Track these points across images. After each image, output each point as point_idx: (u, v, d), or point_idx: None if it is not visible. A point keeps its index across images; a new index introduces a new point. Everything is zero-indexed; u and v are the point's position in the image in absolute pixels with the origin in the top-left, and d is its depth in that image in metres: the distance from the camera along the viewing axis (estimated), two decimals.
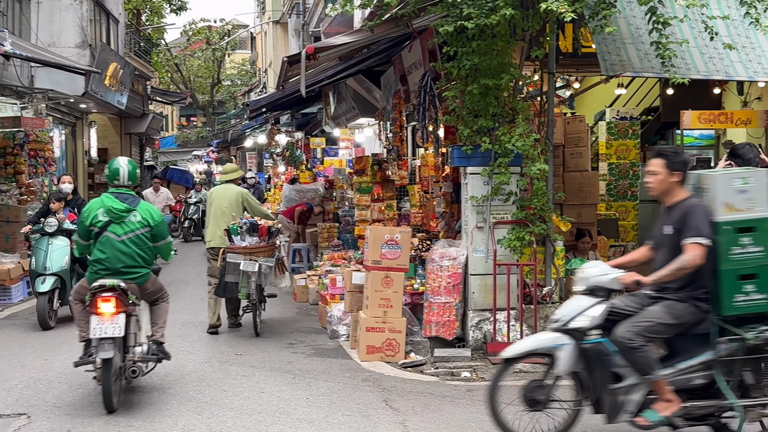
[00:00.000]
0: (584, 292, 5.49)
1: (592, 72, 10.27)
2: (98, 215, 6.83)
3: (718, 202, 5.35)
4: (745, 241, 5.32)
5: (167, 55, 44.14)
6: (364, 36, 9.46)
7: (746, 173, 5.49)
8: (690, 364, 5.37)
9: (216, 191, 10.42)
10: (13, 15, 17.00)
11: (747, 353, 5.34)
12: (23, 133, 15.23)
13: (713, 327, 5.36)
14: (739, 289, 5.31)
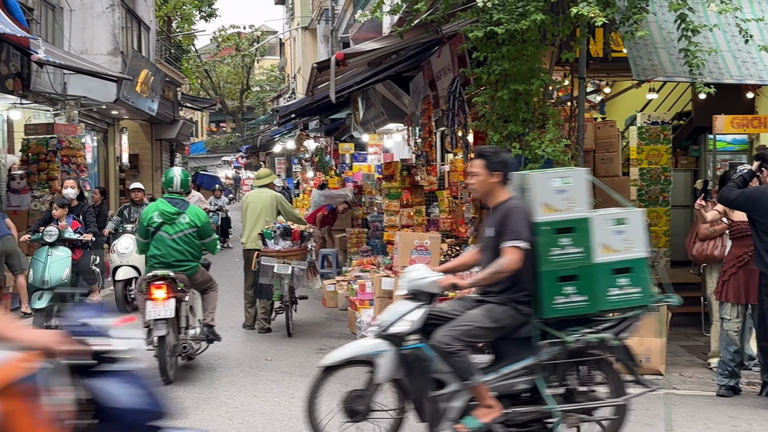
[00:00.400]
0: (406, 296, 5.32)
1: (623, 76, 10.19)
2: (153, 217, 7.95)
3: (537, 203, 5.18)
4: (564, 241, 5.16)
5: (197, 61, 44.57)
6: (393, 42, 9.47)
7: (565, 172, 5.36)
8: (513, 369, 5.18)
9: (251, 195, 10.83)
10: (46, 23, 17.25)
11: (569, 357, 5.19)
12: (56, 140, 15.42)
13: (535, 331, 5.17)
14: (558, 291, 5.14)
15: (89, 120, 19.70)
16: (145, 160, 25.87)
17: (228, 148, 52.19)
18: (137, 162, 25.35)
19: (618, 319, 5.27)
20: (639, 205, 11.52)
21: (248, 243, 10.41)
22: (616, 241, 5.24)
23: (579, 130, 8.62)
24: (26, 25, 11.46)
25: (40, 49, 12.02)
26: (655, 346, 7.84)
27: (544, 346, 5.14)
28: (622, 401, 5.35)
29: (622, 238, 5.24)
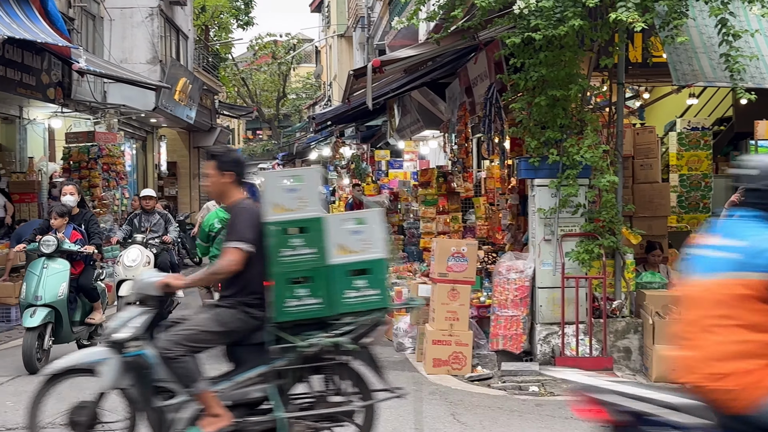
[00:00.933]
0: (135, 301, 5.10)
1: (662, 82, 10.10)
2: (215, 223, 9.46)
3: (268, 202, 5.01)
4: (295, 242, 4.96)
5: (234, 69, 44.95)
6: (429, 48, 9.47)
7: (297, 171, 5.25)
8: (247, 376, 4.96)
9: None
10: (87, 32, 17.51)
11: (306, 362, 4.97)
12: (97, 148, 15.65)
13: (269, 336, 4.95)
14: (290, 294, 4.94)
15: (128, 128, 19.96)
16: (183, 168, 26.13)
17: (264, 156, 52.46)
18: (175, 169, 25.63)
19: (357, 322, 5.03)
20: (680, 212, 11.40)
21: None
22: (353, 242, 5.05)
23: (617, 136, 8.55)
24: (68, 34, 11.66)
25: (81, 59, 12.22)
26: None
27: (277, 352, 4.94)
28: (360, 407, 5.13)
29: (360, 239, 5.05)
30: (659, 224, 9.69)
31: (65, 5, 15.83)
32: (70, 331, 8.80)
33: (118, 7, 19.43)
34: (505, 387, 7.77)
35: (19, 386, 7.82)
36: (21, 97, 13.40)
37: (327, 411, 5.09)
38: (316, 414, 5.06)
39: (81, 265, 9.11)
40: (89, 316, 9.20)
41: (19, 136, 15.41)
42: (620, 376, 7.95)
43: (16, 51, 12.51)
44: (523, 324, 8.36)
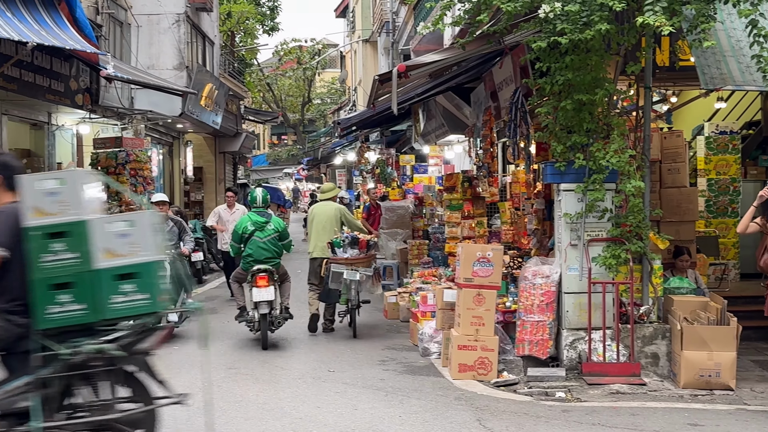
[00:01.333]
0: None
1: (690, 86, 10.02)
2: (248, 226, 10.30)
3: (27, 206, 4.84)
4: (56, 247, 4.79)
5: (259, 75, 45.14)
6: (455, 53, 9.47)
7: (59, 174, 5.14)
8: (15, 385, 4.78)
9: (317, 208, 11.75)
10: (114, 39, 17.69)
11: (71, 370, 4.80)
12: (124, 153, 15.78)
13: (35, 343, 4.78)
14: (52, 300, 4.78)
15: (155, 133, 20.11)
16: (209, 173, 26.28)
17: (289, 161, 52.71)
18: (201, 174, 25.77)
19: (125, 327, 4.94)
20: (708, 216, 11.32)
21: (315, 252, 11.29)
22: (120, 246, 4.93)
23: (645, 141, 8.48)
24: (96, 41, 11.79)
25: (109, 65, 12.34)
26: (726, 360, 7.65)
27: (41, 360, 4.77)
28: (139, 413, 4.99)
29: (127, 242, 4.94)
30: (687, 229, 9.61)
31: (93, 12, 15.99)
32: None
33: (145, 13, 19.61)
34: (531, 392, 7.74)
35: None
36: (50, 103, 13.54)
37: (100, 419, 4.93)
38: (86, 422, 4.92)
39: None
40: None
41: (47, 142, 15.56)
42: (648, 382, 7.89)
43: (45, 58, 12.64)
44: (550, 329, 8.31)
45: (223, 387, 7.96)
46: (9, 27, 9.37)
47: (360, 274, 10.57)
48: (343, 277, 10.50)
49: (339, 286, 10.56)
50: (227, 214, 14.89)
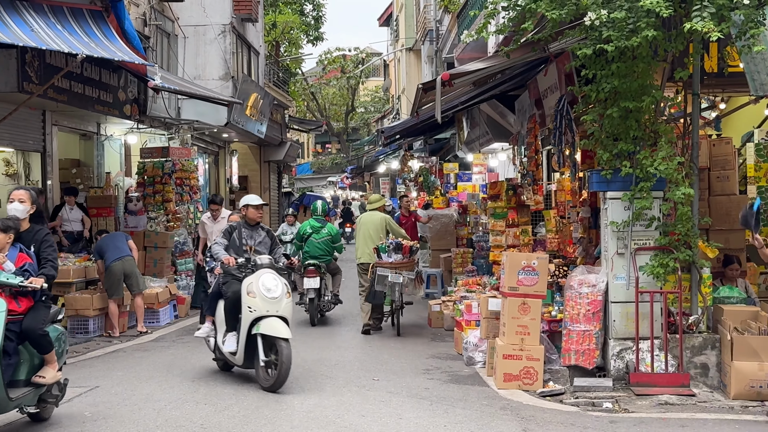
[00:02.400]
0: None
1: (739, 92, 9.85)
2: (308, 229, 13.03)
3: None
4: None
5: (304, 84, 45.43)
6: (499, 61, 9.43)
7: None
8: None
9: (364, 217, 12.90)
10: (161, 50, 17.94)
11: None
12: (171, 163, 15.98)
13: None
14: None
15: (201, 143, 20.34)
16: (254, 182, 26.49)
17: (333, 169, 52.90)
18: (246, 183, 25.98)
19: None
20: None
21: (363, 257, 12.39)
22: None
23: (693, 148, 8.37)
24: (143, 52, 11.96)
25: (157, 76, 12.51)
26: None
27: None
28: None
29: None
30: (737, 237, 9.44)
31: (141, 24, 16.26)
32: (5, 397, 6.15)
33: (191, 24, 19.88)
34: (577, 403, 7.65)
35: (97, 397, 8.02)
36: (99, 113, 13.79)
37: None
38: None
39: (27, 301, 6.56)
40: (38, 373, 6.59)
41: (96, 152, 15.85)
42: (697, 393, 7.76)
43: (94, 69, 12.88)
44: (596, 339, 8.22)
45: (268, 395, 8.01)
46: (59, 39, 9.56)
47: (403, 277, 11.47)
48: (388, 279, 11.37)
49: (384, 288, 11.52)
50: (211, 223, 13.70)
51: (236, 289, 8.48)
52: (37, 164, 14.04)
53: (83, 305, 11.67)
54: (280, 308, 8.32)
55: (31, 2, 9.75)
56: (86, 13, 10.51)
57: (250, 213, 9.24)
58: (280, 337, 8.04)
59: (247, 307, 8.27)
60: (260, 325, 8.17)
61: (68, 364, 9.84)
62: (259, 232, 9.20)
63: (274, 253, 9.10)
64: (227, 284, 8.71)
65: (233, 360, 8.60)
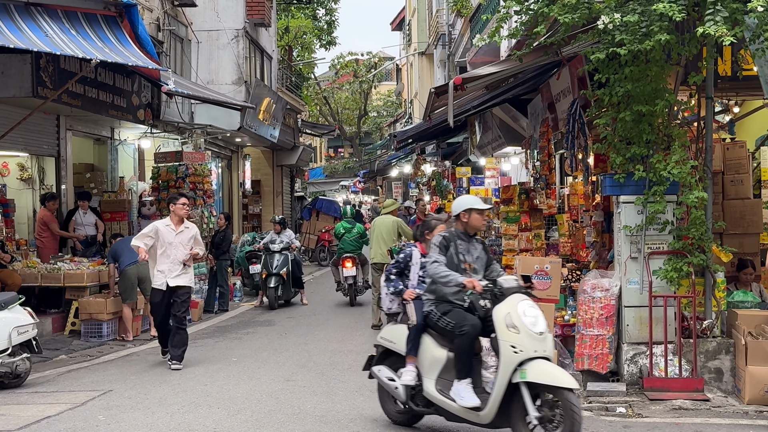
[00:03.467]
0: None
1: (753, 95, 9.81)
2: (341, 230, 15.54)
3: None
4: None
5: (316, 88, 45.53)
6: (511, 65, 9.42)
7: None
8: None
9: (378, 220, 13.75)
10: (175, 55, 18.02)
11: None
12: (184, 167, 16.04)
13: None
14: None
15: (214, 147, 20.41)
16: (267, 186, 26.55)
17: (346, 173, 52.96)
18: (259, 188, 26.05)
19: None
20: None
21: (376, 258, 13.28)
22: None
23: (707, 151, 8.34)
24: (157, 57, 12.00)
25: (170, 81, 12.56)
26: None
27: None
28: None
29: None
30: (751, 241, 9.39)
31: (155, 29, 16.34)
32: None
33: (205, 29, 19.97)
34: (591, 407, 7.62)
35: (111, 400, 8.05)
36: (113, 118, 13.86)
37: None
38: None
39: None
40: None
41: (110, 156, 15.94)
42: (711, 398, 7.72)
43: (108, 74, 12.95)
44: (609, 343, 8.20)
45: (281, 399, 8.02)
46: (73, 44, 9.61)
47: None
48: None
49: None
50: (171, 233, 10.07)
51: (474, 323, 6.48)
52: (51, 169, 14.13)
53: (97, 309, 11.72)
54: (548, 347, 6.37)
55: (45, 7, 9.81)
56: (100, 18, 10.56)
57: (473, 220, 6.97)
58: (564, 387, 6.03)
59: (510, 346, 6.19)
60: (527, 370, 6.12)
61: (82, 367, 9.94)
62: (475, 245, 7.05)
63: (490, 271, 7.04)
64: (450, 314, 6.65)
65: (471, 417, 6.44)
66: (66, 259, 12.74)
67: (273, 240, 16.01)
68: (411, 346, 6.86)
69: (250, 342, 11.66)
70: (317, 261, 25.94)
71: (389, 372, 7.06)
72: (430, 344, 6.78)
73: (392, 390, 6.95)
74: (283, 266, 15.53)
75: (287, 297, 15.98)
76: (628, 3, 7.67)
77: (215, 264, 15.19)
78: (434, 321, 6.75)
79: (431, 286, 6.86)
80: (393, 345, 7.15)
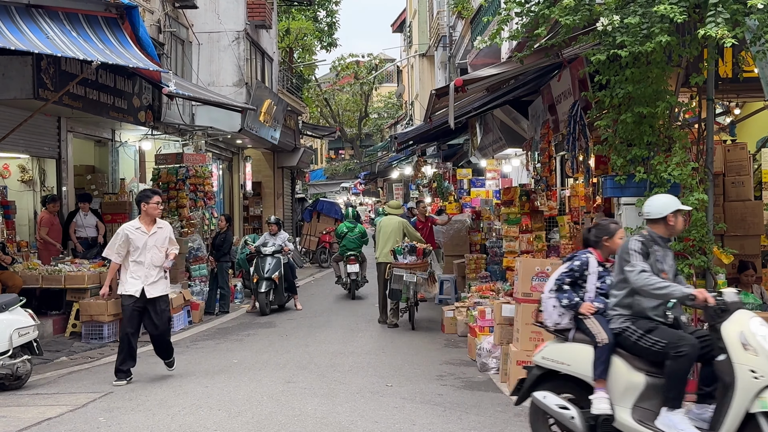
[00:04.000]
0: None
1: (754, 97, 9.81)
2: (344, 229, 16.99)
3: None
4: None
5: (317, 90, 45.55)
6: (512, 67, 9.42)
7: None
8: None
9: (384, 220, 13.92)
10: (176, 57, 18.03)
11: None
12: (185, 169, 16.04)
13: None
14: None
15: (215, 149, 20.42)
16: (268, 188, 26.56)
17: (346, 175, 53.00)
18: (260, 189, 26.06)
19: None
20: None
21: (381, 257, 13.50)
22: None
23: (707, 153, 8.32)
24: (158, 59, 12.01)
25: (171, 83, 12.56)
26: None
27: None
28: None
29: None
30: (752, 243, 9.38)
31: (156, 31, 16.35)
32: None
33: (206, 31, 19.98)
34: None
35: (112, 402, 8.05)
36: (114, 120, 13.87)
37: None
38: None
39: None
40: None
41: (111, 158, 15.94)
42: None
43: (109, 76, 12.96)
44: None
45: (282, 401, 8.02)
46: (74, 46, 9.61)
47: (417, 277, 12.64)
48: (404, 279, 12.56)
49: (400, 286, 12.59)
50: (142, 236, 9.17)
51: (693, 343, 5.77)
52: (52, 170, 14.13)
53: (98, 311, 11.72)
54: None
55: (46, 9, 9.81)
56: (101, 20, 10.57)
57: (679, 224, 6.34)
58: None
59: (749, 370, 5.33)
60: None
61: (83, 369, 9.94)
62: (668, 252, 6.37)
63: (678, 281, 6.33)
64: (657, 332, 5.88)
65: None
66: (67, 260, 12.74)
67: (266, 242, 15.47)
68: (602, 369, 5.95)
69: (250, 344, 11.66)
70: (318, 263, 25.94)
71: (557, 398, 6.12)
72: (622, 367, 5.89)
73: (566, 420, 6.00)
74: (276, 270, 14.89)
75: (280, 302, 15.34)
76: (629, 5, 7.67)
77: (216, 266, 15.19)
78: (632, 340, 5.90)
79: (626, 299, 6.05)
80: (566, 367, 6.16)
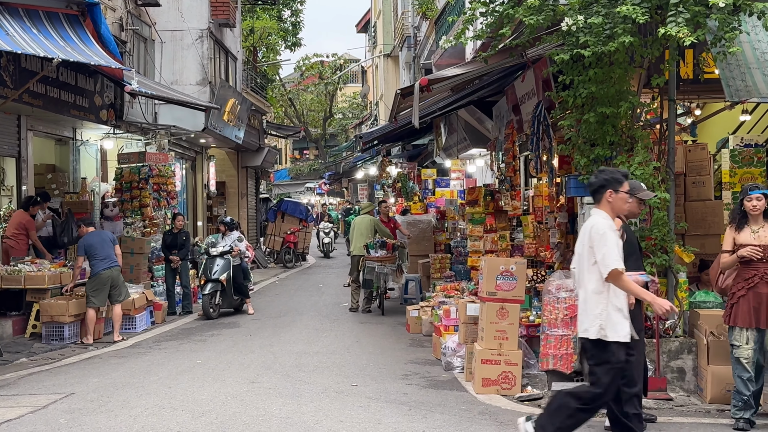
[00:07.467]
0: None
1: (714, 98, 9.93)
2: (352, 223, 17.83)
3: None
4: None
5: (282, 90, 45.37)
6: (477, 67, 9.46)
7: None
8: None
9: (357, 219, 16.00)
10: (138, 55, 17.84)
11: None
12: (148, 168, 15.88)
13: None
14: None
15: (178, 149, 20.23)
16: (232, 188, 26.39)
17: (311, 175, 52.87)
18: (224, 189, 25.89)
19: None
20: None
21: (355, 251, 15.37)
22: None
23: (669, 153, 8.43)
24: (120, 57, 11.88)
25: (133, 81, 12.43)
26: None
27: None
28: None
29: None
30: (712, 242, 9.50)
31: (118, 28, 16.16)
32: None
33: (168, 29, 19.79)
34: None
35: (73, 403, 7.94)
36: (75, 118, 13.68)
37: None
38: None
39: None
40: None
41: (72, 157, 15.72)
42: (674, 397, 7.81)
43: (70, 74, 12.78)
44: (574, 343, 8.24)
45: (246, 401, 7.96)
46: (35, 43, 9.47)
47: (387, 269, 14.31)
48: (375, 270, 14.23)
49: (372, 277, 14.30)
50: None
51: None
52: (12, 169, 13.90)
53: (58, 311, 11.55)
54: None
55: (6, 6, 9.65)
56: (62, 17, 10.42)
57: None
58: None
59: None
60: None
61: (43, 371, 9.79)
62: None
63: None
64: None
65: None
66: (27, 261, 12.53)
67: (214, 243, 14.80)
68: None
69: (214, 344, 11.57)
70: (282, 263, 25.83)
71: None
72: None
73: None
74: (224, 272, 14.18)
75: (230, 305, 14.67)
76: (592, 5, 7.74)
77: (179, 265, 14.90)
78: None
79: None
80: None
